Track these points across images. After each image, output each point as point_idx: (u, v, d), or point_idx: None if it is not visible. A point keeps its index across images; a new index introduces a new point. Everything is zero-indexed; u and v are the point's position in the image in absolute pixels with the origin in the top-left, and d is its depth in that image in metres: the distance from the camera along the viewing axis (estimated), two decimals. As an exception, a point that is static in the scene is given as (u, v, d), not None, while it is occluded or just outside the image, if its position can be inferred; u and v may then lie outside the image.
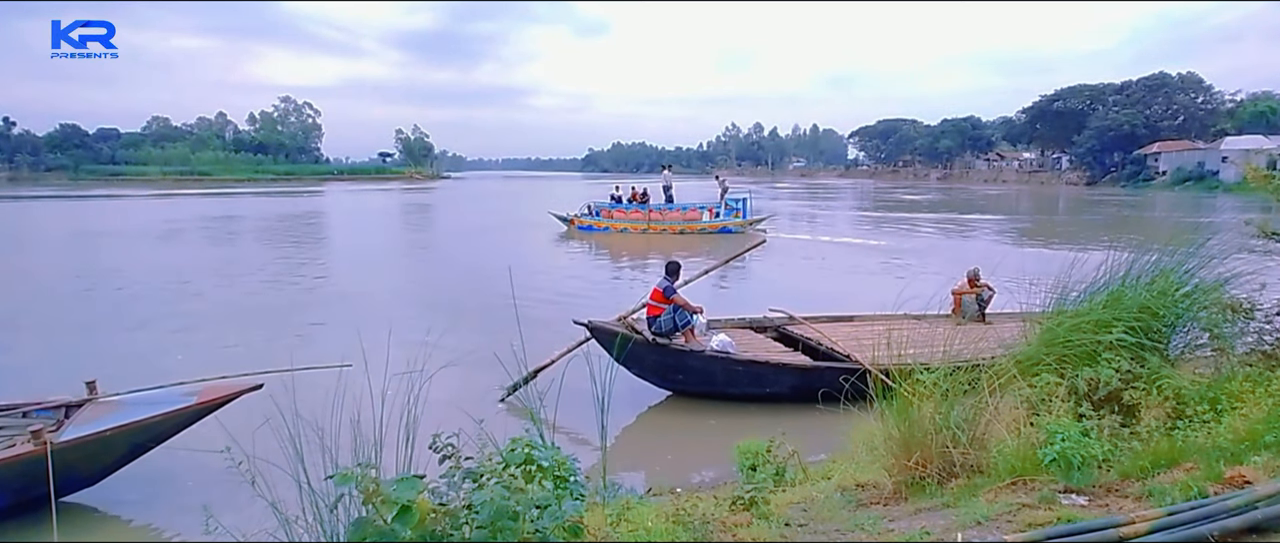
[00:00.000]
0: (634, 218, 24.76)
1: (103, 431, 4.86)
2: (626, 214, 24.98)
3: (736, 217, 24.61)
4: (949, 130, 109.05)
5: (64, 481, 4.77)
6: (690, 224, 24.55)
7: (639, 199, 25.72)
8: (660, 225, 24.38)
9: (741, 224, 24.45)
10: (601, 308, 8.68)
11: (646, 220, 24.54)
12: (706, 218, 24.74)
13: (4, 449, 4.77)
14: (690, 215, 24.89)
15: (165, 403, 5.19)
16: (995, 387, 3.58)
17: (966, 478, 3.24)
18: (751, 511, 3.06)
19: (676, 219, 24.74)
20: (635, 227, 24.52)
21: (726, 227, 24.30)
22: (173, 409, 5.11)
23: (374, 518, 2.03)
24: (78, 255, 19.88)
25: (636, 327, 7.43)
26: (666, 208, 25.45)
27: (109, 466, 5.13)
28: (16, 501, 4.73)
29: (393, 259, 20.04)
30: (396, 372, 2.89)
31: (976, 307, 8.97)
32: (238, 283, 15.25)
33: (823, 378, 6.69)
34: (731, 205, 25.01)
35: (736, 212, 24.79)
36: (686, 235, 23.83)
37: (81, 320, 11.38)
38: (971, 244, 22.65)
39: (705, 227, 24.45)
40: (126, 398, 5.40)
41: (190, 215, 35.03)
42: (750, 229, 24.31)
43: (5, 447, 4.86)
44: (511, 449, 2.32)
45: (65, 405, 5.45)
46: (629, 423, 7.08)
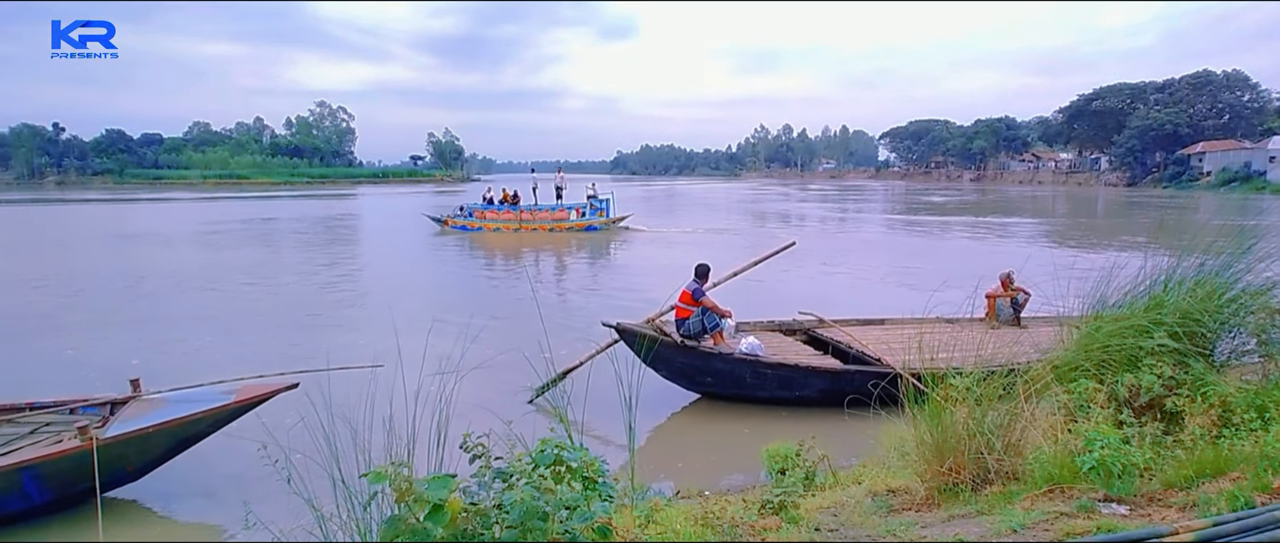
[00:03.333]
0: (506, 218, 26.84)
1: (146, 427, 5.00)
2: (499, 215, 27.02)
3: (600, 215, 26.81)
4: (982, 131, 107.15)
5: (109, 476, 4.92)
6: (559, 223, 26.60)
7: (510, 201, 27.75)
8: (531, 224, 26.50)
9: (605, 222, 26.76)
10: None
11: (518, 220, 26.62)
12: (573, 216, 26.76)
13: (52, 445, 4.93)
14: (558, 215, 26.89)
15: (205, 401, 5.33)
16: (1031, 392, 3.51)
17: (1001, 485, 3.18)
18: (781, 515, 3.04)
19: (546, 218, 26.74)
20: (507, 226, 26.54)
21: (592, 224, 26.55)
22: (212, 407, 5.24)
23: (407, 516, 2.06)
24: (122, 257, 20.52)
25: (665, 329, 7.43)
26: (538, 208, 27.39)
27: (152, 461, 5.27)
28: (64, 495, 4.89)
29: (424, 262, 20.30)
30: (429, 373, 2.93)
31: (1011, 310, 8.80)
32: (273, 283, 15.59)
33: (852, 382, 6.64)
34: (596, 204, 27.03)
35: (600, 210, 26.93)
36: (556, 233, 26.02)
37: (125, 319, 11.73)
38: (1004, 247, 22.21)
39: (573, 225, 26.55)
40: (168, 396, 5.56)
41: (229, 218, 35.91)
42: (614, 226, 26.97)
43: (53, 442, 5.04)
44: (541, 450, 2.34)
45: (110, 402, 5.62)
46: (657, 425, 7.07)
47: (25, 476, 4.69)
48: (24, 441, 5.17)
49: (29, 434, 5.29)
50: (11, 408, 5.68)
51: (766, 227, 31.77)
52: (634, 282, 15.35)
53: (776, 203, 51.83)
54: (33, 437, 5.25)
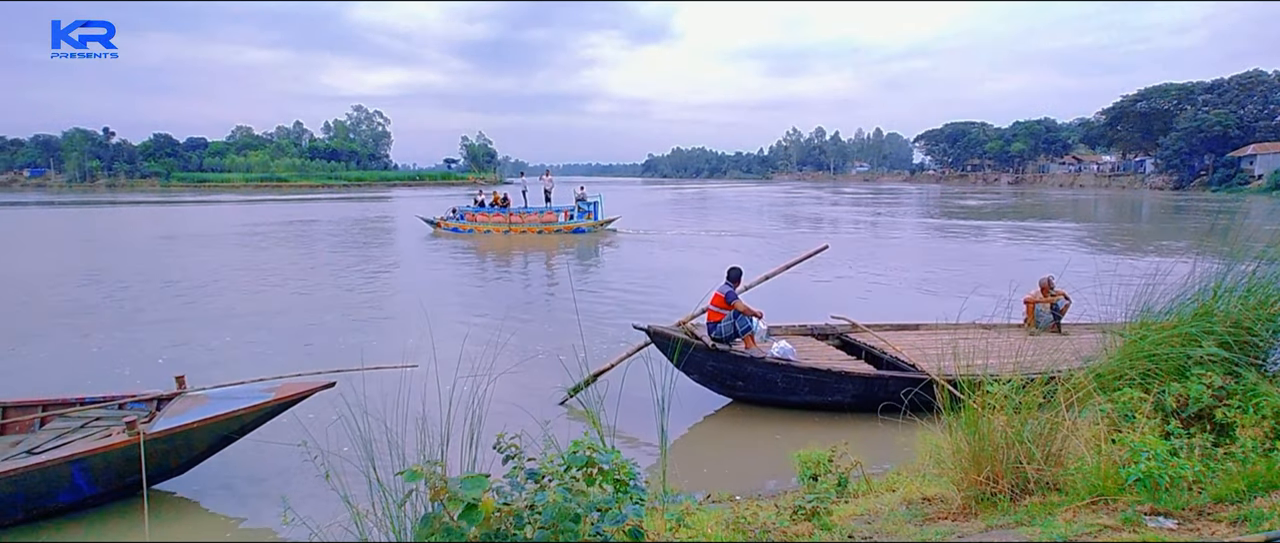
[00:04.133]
0: (496, 220, 27.22)
1: (190, 423, 5.14)
2: (489, 217, 27.38)
3: (588, 218, 27.20)
4: (1021, 133, 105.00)
5: (155, 469, 5.08)
6: (547, 225, 26.95)
7: (500, 203, 28.18)
8: (520, 227, 26.89)
9: (593, 225, 27.13)
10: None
11: (507, 222, 27.03)
12: (562, 219, 27.14)
13: (101, 439, 5.10)
14: (547, 218, 27.28)
15: (246, 398, 5.46)
16: (1073, 401, 3.42)
17: (1042, 496, 3.10)
18: (813, 521, 3.00)
19: (535, 221, 27.14)
20: (497, 229, 26.96)
21: (579, 227, 26.95)
22: (253, 404, 5.37)
23: (441, 515, 2.09)
24: (167, 257, 21.14)
25: (696, 332, 7.41)
26: (527, 211, 27.93)
27: (196, 456, 5.42)
28: (112, 487, 5.06)
29: (441, 264, 20.55)
30: (462, 374, 2.97)
31: (1051, 316, 8.60)
32: (310, 283, 15.93)
33: (886, 387, 6.55)
34: (583, 207, 27.43)
35: (588, 213, 27.31)
36: (544, 235, 26.36)
37: (168, 317, 12.08)
38: (1043, 251, 21.70)
39: (561, 227, 26.88)
40: (211, 392, 5.71)
41: (270, 219, 36.81)
42: (602, 228, 27.33)
43: (102, 437, 5.21)
44: (573, 452, 2.35)
45: (156, 398, 5.80)
46: (688, 429, 7.06)
47: (75, 469, 4.86)
48: (75, 434, 5.37)
49: (79, 429, 5.49)
50: (63, 403, 5.89)
51: (797, 229, 31.54)
52: (638, 282, 15.34)
53: (809, 206, 51.37)
54: (83, 431, 5.44)
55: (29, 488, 4.79)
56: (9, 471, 4.69)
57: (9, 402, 5.92)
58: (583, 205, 27.50)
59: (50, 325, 11.50)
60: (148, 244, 25.05)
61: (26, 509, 4.86)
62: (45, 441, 5.27)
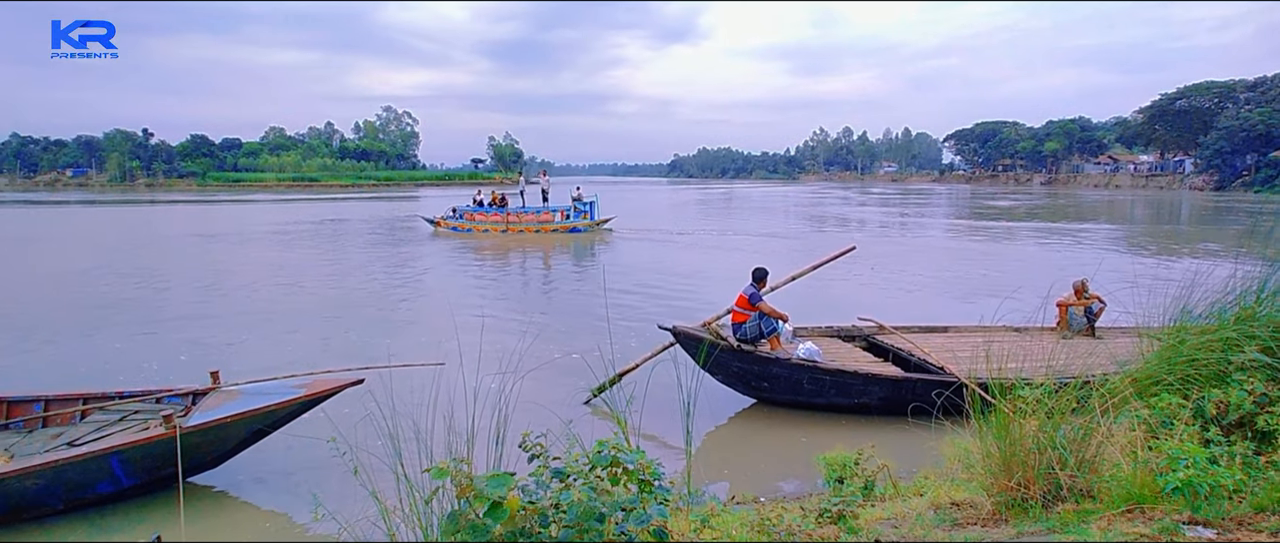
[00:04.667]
0: (494, 220, 27.50)
1: (224, 417, 5.25)
2: (487, 217, 27.67)
3: (584, 218, 27.42)
4: (1055, 132, 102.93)
5: (190, 462, 5.20)
6: (544, 225, 27.25)
7: (498, 203, 28.42)
8: (518, 226, 27.19)
9: (590, 224, 27.41)
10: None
11: (505, 222, 27.28)
12: (558, 219, 27.42)
13: (139, 432, 5.24)
14: (543, 218, 27.57)
15: (278, 394, 5.56)
16: (1108, 406, 3.34)
17: (1075, 503, 3.03)
18: (839, 524, 2.98)
19: (532, 221, 27.43)
20: (495, 228, 27.24)
21: (576, 227, 27.23)
22: (284, 400, 5.46)
23: (467, 512, 2.11)
24: (203, 255, 21.63)
25: (721, 333, 7.38)
26: (525, 210, 28.22)
27: (229, 450, 5.54)
28: (149, 479, 5.19)
29: (484, 263, 20.73)
30: (488, 372, 2.99)
31: (1084, 320, 8.42)
32: (339, 281, 16.19)
33: (914, 390, 6.47)
34: (580, 207, 27.62)
35: (584, 213, 27.52)
36: (541, 234, 26.64)
37: (203, 313, 12.36)
38: (1077, 253, 21.25)
39: (558, 227, 27.18)
40: (244, 388, 5.83)
41: (301, 218, 37.49)
42: (598, 228, 27.60)
43: (140, 429, 5.35)
44: (598, 451, 2.36)
45: (192, 393, 5.93)
46: (712, 429, 7.03)
47: (114, 460, 4.99)
48: (114, 427, 5.51)
49: (118, 421, 5.64)
50: (103, 396, 6.06)
51: (824, 230, 31.27)
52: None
53: (835, 207, 50.91)
54: (122, 424, 5.59)
55: (69, 479, 4.93)
56: (51, 462, 4.84)
57: (51, 395, 6.10)
58: (579, 206, 27.80)
59: (90, 320, 11.83)
60: (184, 243, 25.66)
61: (66, 499, 5.00)
62: (85, 433, 5.43)
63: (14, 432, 5.81)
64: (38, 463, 4.82)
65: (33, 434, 5.71)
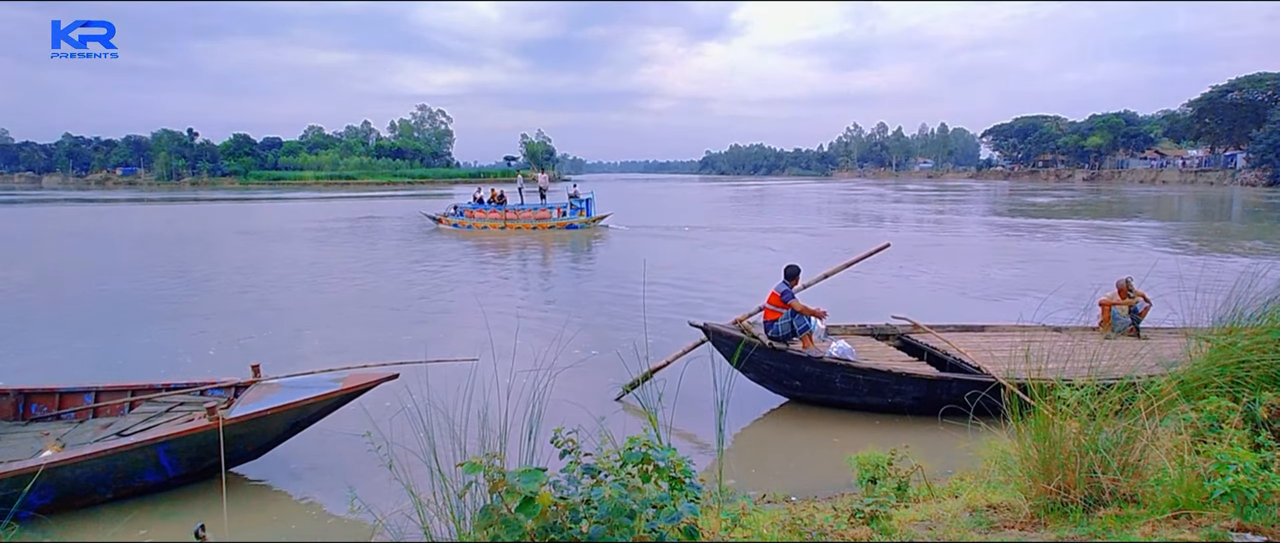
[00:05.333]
0: (492, 217, 28.22)
1: (265, 410, 5.39)
2: (486, 214, 28.36)
3: (581, 214, 28.20)
4: (1098, 126, 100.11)
5: (232, 453, 5.35)
6: (541, 222, 28.02)
7: (497, 200, 29.25)
8: (515, 223, 27.89)
9: (585, 221, 28.14)
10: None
11: (504, 219, 28.03)
12: (555, 215, 28.21)
13: (185, 423, 5.40)
14: (541, 214, 28.35)
15: (316, 387, 5.69)
16: (1153, 409, 3.24)
17: (1118, 508, 2.95)
18: (872, 525, 2.94)
19: (529, 217, 28.17)
20: (494, 225, 27.97)
21: (572, 223, 27.95)
22: (322, 394, 5.58)
23: (499, 507, 2.13)
24: (244, 252, 22.21)
25: (753, 330, 7.34)
26: (524, 207, 29.18)
27: (269, 441, 5.68)
28: (194, 469, 5.35)
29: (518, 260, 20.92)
30: (521, 369, 3.02)
31: (1128, 319, 8.18)
32: (374, 276, 16.48)
33: (949, 390, 6.36)
34: (576, 204, 28.45)
35: (581, 210, 28.34)
36: (538, 231, 27.40)
37: (245, 308, 12.69)
38: (1121, 252, 20.65)
39: (555, 223, 27.97)
40: (284, 381, 5.97)
41: (338, 216, 38.24)
42: (594, 225, 28.28)
43: (185, 420, 5.52)
44: (629, 448, 2.36)
45: (234, 386, 6.10)
46: (743, 427, 7.00)
47: (160, 450, 5.15)
48: (160, 418, 5.70)
49: (165, 413, 5.82)
50: (151, 388, 6.27)
51: (858, 227, 30.87)
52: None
53: (870, 204, 50.23)
54: (167, 415, 5.77)
55: (119, 468, 5.10)
56: (102, 451, 5.01)
57: (101, 386, 6.33)
58: (575, 203, 28.53)
59: (136, 314, 12.23)
60: (226, 240, 26.38)
61: (115, 488, 5.18)
62: (134, 423, 5.61)
63: (66, 422, 6.04)
64: (89, 452, 5.00)
65: (84, 424, 5.93)
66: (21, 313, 12.65)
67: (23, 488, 4.51)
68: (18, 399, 6.15)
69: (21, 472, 4.69)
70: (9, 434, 5.72)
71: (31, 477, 4.64)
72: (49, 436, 5.65)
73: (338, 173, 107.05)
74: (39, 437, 5.64)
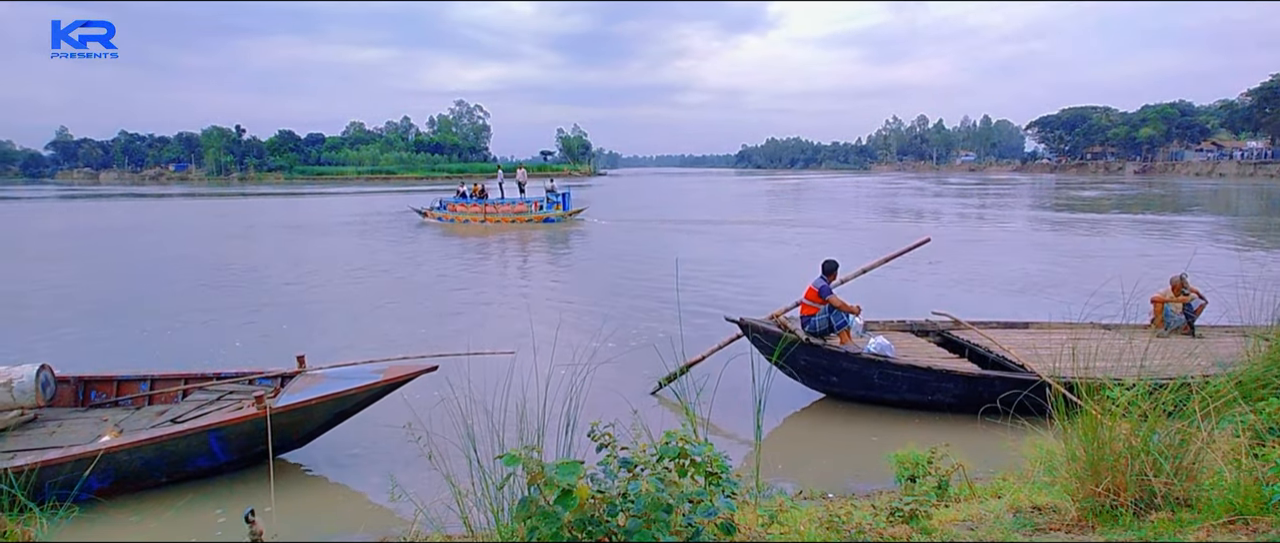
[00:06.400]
0: (473, 211, 29.12)
1: (310, 399, 5.54)
2: (468, 208, 29.31)
3: (557, 208, 28.70)
4: (1151, 117, 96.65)
5: (279, 441, 5.51)
6: (519, 216, 28.72)
7: (478, 194, 30.23)
8: (495, 217, 28.80)
9: (562, 215, 28.73)
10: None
11: (484, 213, 28.89)
12: (533, 210, 28.83)
13: (234, 411, 5.58)
14: (518, 209, 29.03)
15: (358, 378, 5.83)
16: (1208, 410, 3.12)
17: (1170, 512, 2.86)
18: (911, 524, 2.90)
19: (508, 211, 29.01)
20: (474, 219, 28.81)
21: (549, 217, 28.51)
22: (365, 384, 5.72)
23: (537, 499, 2.15)
24: (288, 246, 22.81)
25: (789, 326, 7.29)
26: (503, 201, 30.07)
27: (314, 430, 5.84)
28: (242, 455, 5.53)
29: (551, 255, 21.08)
30: (559, 362, 3.04)
31: (1182, 317, 7.89)
32: (413, 269, 16.77)
33: (992, 388, 6.22)
34: (552, 199, 28.95)
35: (557, 204, 28.80)
36: (516, 224, 28.04)
37: (289, 300, 13.05)
38: (1174, 248, 19.91)
39: (532, 217, 28.57)
40: (328, 372, 6.13)
41: (378, 210, 38.99)
42: (570, 219, 28.91)
43: (234, 408, 5.70)
44: (666, 442, 2.37)
45: (281, 375, 6.28)
46: (778, 423, 6.96)
47: (212, 437, 5.34)
48: (211, 406, 5.89)
49: (215, 401, 6.02)
50: (202, 377, 6.49)
51: (897, 221, 30.34)
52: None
53: (909, 198, 49.30)
54: (218, 403, 5.96)
55: (172, 453, 5.30)
56: (158, 437, 5.22)
57: (156, 375, 6.57)
58: (552, 197, 29.07)
59: (189, 305, 12.64)
60: (272, 233, 27.16)
61: (169, 473, 5.38)
62: (186, 411, 5.82)
63: (124, 408, 6.29)
64: (145, 438, 5.21)
65: (140, 411, 6.17)
66: (84, 303, 13.19)
67: (83, 472, 4.71)
68: (78, 386, 6.43)
69: (83, 456, 4.91)
70: (70, 420, 5.98)
71: (92, 460, 4.86)
72: (107, 421, 5.89)
73: (378, 168, 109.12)
74: (98, 422, 5.89)
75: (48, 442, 5.46)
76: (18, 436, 5.61)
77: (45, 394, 6.02)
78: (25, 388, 5.85)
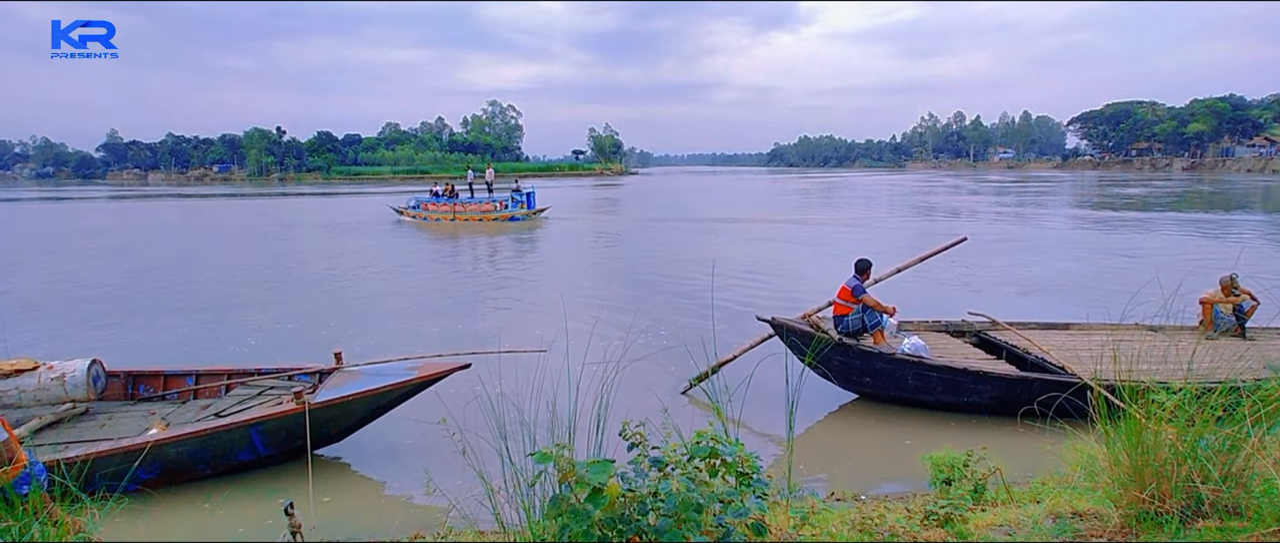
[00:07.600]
0: (443, 210, 30.23)
1: (347, 395, 5.66)
2: (439, 207, 30.45)
3: (522, 207, 29.70)
4: (1200, 112, 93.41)
5: (318, 436, 5.63)
6: (486, 214, 29.71)
7: (449, 194, 31.30)
8: (464, 216, 29.85)
9: (527, 213, 29.71)
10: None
11: (453, 212, 30.00)
12: (499, 209, 29.88)
13: (274, 406, 5.72)
14: (485, 208, 30.03)
15: (394, 375, 5.93)
16: (1260, 415, 3.01)
17: (1218, 520, 2.76)
18: (946, 527, 2.85)
19: (476, 210, 30.08)
20: (445, 218, 29.85)
21: (514, 215, 29.52)
22: (400, 381, 5.82)
23: (568, 497, 2.17)
24: (327, 244, 23.29)
25: (822, 325, 7.22)
26: (471, 201, 31.41)
27: (351, 425, 5.96)
28: (282, 449, 5.67)
29: (584, 252, 21.17)
30: (591, 360, 3.05)
31: (1233, 319, 7.63)
32: (446, 268, 16.99)
33: (1031, 390, 6.09)
34: (517, 198, 29.93)
35: (521, 203, 29.81)
36: (484, 223, 28.90)
37: (326, 297, 13.32)
38: (1223, 247, 19.22)
39: (499, 215, 29.57)
40: (364, 368, 6.25)
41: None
42: (535, 217, 29.90)
43: (274, 404, 5.84)
44: (697, 442, 2.36)
45: (319, 372, 6.42)
46: (810, 424, 6.90)
47: (253, 431, 5.48)
48: (253, 401, 6.05)
49: (256, 396, 6.18)
50: (244, 372, 6.67)
51: (933, 219, 29.80)
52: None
53: (944, 196, 48.39)
54: (259, 398, 6.12)
55: (216, 446, 5.46)
56: (202, 430, 5.38)
57: (201, 370, 6.78)
58: (516, 196, 30.00)
59: (231, 302, 13.00)
60: (309, 232, 27.76)
61: (213, 465, 5.54)
62: (229, 405, 5.99)
63: (170, 402, 6.50)
64: (190, 431, 5.37)
65: (185, 405, 6.36)
66: (133, 300, 13.64)
67: (132, 464, 4.88)
68: (127, 380, 6.66)
69: (132, 448, 5.08)
70: (120, 413, 6.20)
71: (141, 453, 5.03)
72: (154, 415, 6.09)
73: (414, 167, 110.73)
74: (146, 416, 6.09)
75: (98, 434, 5.67)
76: (70, 427, 5.84)
77: (96, 388, 6.24)
78: (77, 382, 6.08)
